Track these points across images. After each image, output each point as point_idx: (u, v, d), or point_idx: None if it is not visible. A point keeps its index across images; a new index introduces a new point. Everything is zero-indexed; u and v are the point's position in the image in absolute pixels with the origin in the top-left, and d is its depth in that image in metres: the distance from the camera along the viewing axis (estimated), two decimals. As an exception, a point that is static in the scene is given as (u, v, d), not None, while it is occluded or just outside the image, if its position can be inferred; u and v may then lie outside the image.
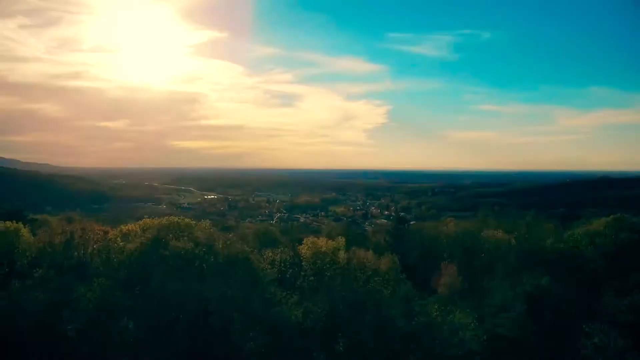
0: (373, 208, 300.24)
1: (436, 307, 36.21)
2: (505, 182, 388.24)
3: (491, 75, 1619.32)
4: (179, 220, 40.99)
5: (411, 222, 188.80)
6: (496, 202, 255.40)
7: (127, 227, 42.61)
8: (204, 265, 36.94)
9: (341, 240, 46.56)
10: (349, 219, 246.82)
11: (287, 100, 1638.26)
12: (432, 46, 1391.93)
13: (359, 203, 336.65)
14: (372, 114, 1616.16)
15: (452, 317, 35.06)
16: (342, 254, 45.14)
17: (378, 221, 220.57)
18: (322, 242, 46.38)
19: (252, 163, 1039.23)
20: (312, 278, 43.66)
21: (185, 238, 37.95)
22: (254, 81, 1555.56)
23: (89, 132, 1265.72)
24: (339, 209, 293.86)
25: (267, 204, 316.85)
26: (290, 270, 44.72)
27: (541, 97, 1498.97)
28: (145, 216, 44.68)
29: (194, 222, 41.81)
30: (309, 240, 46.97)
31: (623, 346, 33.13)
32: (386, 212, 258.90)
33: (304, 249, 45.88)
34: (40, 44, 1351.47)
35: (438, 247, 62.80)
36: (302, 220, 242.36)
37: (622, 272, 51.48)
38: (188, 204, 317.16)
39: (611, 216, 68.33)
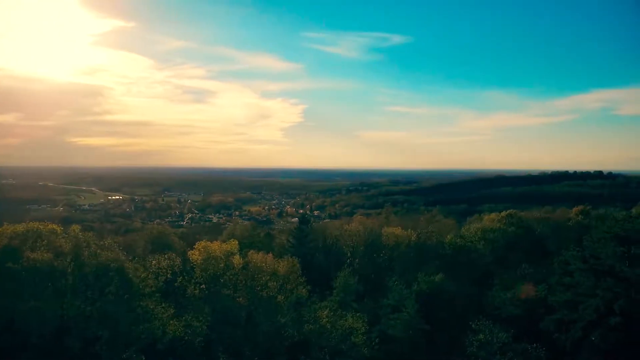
0: (288, 207, 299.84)
1: (325, 312, 34.58)
2: (414, 181, 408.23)
3: (401, 78, 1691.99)
4: (40, 227, 35.23)
5: (325, 220, 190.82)
6: (405, 199, 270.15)
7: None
8: (67, 278, 31.94)
9: (234, 243, 43.59)
10: (264, 218, 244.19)
11: (200, 96, 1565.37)
12: (347, 47, 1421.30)
13: (274, 202, 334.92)
14: (288, 112, 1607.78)
15: (344, 321, 33.71)
16: (237, 259, 42.24)
17: (292, 219, 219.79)
18: (215, 247, 43.10)
19: (162, 161, 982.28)
20: (203, 286, 40.40)
21: (44, 248, 32.57)
22: (164, 75, 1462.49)
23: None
24: (254, 209, 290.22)
25: (178, 204, 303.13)
26: (180, 279, 40.97)
27: (446, 99, 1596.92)
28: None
29: (60, 228, 36.23)
30: (200, 244, 43.45)
31: (504, 339, 33.90)
32: (301, 211, 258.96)
33: (195, 255, 42.42)
34: None
35: (341, 246, 62.31)
36: (214, 220, 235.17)
37: (509, 265, 54.31)
38: (89, 205, 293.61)
39: (502, 212, 73.08)
